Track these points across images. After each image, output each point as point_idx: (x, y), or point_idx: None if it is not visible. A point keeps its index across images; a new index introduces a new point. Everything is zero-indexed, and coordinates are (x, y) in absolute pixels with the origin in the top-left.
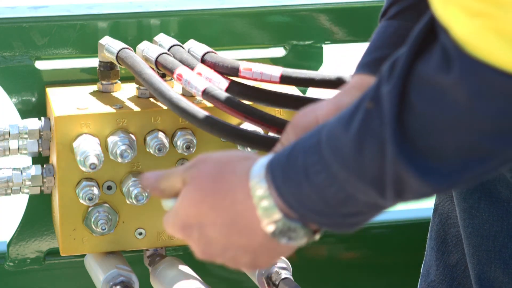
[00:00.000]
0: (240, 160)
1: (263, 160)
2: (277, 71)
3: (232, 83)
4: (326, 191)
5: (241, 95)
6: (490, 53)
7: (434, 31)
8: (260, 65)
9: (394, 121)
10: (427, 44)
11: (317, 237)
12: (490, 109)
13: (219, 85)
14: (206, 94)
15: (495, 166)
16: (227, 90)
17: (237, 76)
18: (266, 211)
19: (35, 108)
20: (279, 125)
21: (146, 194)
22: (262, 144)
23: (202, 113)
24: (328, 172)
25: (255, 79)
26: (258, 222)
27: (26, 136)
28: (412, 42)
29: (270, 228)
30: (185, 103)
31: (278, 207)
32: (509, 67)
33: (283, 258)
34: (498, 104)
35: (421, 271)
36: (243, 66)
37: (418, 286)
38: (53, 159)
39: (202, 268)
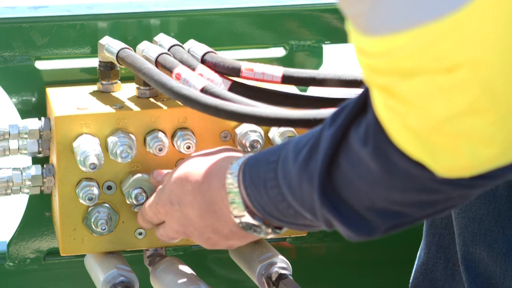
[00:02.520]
0: (230, 155)
1: (244, 158)
2: (278, 71)
3: (234, 84)
4: (279, 205)
5: (244, 95)
6: (399, 139)
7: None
8: (261, 65)
9: (324, 173)
10: (363, 111)
11: (283, 231)
12: (396, 184)
13: (221, 86)
14: (204, 92)
15: (413, 220)
16: (228, 91)
17: (238, 76)
18: (234, 206)
19: (35, 108)
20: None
21: (146, 194)
22: (269, 120)
23: (205, 97)
24: (280, 190)
25: (257, 79)
26: (229, 212)
27: (26, 136)
28: (353, 104)
29: (237, 220)
30: (187, 89)
31: (244, 204)
32: (413, 153)
33: (283, 258)
34: (401, 183)
35: (417, 255)
36: (244, 66)
37: (413, 271)
38: (53, 159)
39: (202, 268)
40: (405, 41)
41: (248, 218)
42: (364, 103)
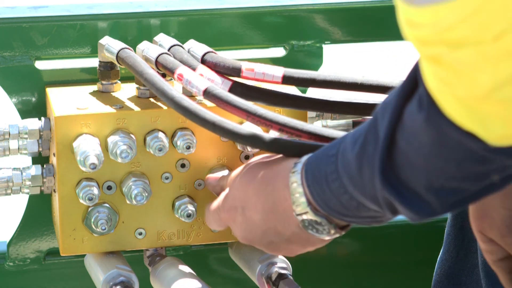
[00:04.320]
0: (291, 159)
1: (306, 157)
2: (279, 71)
3: (235, 84)
4: (341, 198)
5: (244, 96)
6: (450, 110)
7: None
8: (262, 65)
9: (383, 154)
10: (414, 89)
11: (344, 232)
12: (450, 156)
13: (221, 87)
14: (207, 93)
15: (471, 196)
16: (229, 91)
17: (239, 76)
18: (297, 203)
19: (35, 108)
20: (281, 123)
21: (146, 194)
22: (262, 144)
23: (204, 112)
24: (341, 182)
25: (257, 79)
26: (292, 212)
27: (26, 136)
28: (403, 84)
29: (299, 218)
30: (188, 102)
31: (308, 201)
32: (464, 124)
33: (283, 258)
34: (455, 154)
35: (438, 258)
36: (245, 66)
37: (434, 274)
38: (53, 159)
39: (202, 268)
40: (449, 11)
41: (310, 215)
42: (414, 81)
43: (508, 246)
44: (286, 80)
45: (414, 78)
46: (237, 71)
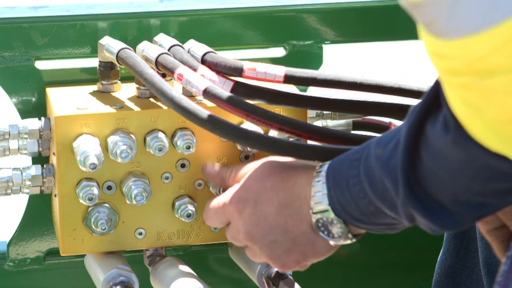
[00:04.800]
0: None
1: (331, 160)
2: (281, 70)
3: (236, 84)
4: (360, 202)
5: (247, 95)
6: (477, 134)
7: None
8: (263, 65)
9: (406, 168)
10: (437, 104)
11: (354, 240)
12: (476, 175)
13: (223, 87)
14: (207, 93)
15: (497, 209)
16: (232, 91)
17: (240, 76)
18: (318, 202)
19: (35, 108)
20: (281, 123)
21: (146, 194)
22: (263, 144)
23: (203, 112)
24: (362, 187)
25: (259, 79)
26: (308, 209)
27: (26, 136)
28: (424, 101)
29: (314, 217)
30: (187, 102)
31: (330, 201)
32: (492, 146)
33: None
34: (482, 173)
35: (439, 258)
36: (246, 66)
37: (434, 273)
38: (53, 159)
39: (202, 268)
40: (480, 42)
41: (330, 214)
42: (435, 98)
43: (504, 214)
44: (288, 79)
45: (436, 96)
46: (239, 71)
